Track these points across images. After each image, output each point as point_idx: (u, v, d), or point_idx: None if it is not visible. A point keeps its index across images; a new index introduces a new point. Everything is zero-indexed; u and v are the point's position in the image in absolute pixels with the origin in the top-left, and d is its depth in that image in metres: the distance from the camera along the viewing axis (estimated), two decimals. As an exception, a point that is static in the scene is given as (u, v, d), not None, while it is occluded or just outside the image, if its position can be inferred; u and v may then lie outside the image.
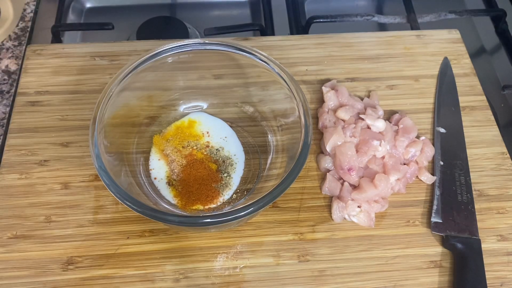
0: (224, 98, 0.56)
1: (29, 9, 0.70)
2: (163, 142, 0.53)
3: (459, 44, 0.66)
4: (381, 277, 0.47)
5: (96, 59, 0.61)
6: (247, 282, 0.46)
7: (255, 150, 0.54)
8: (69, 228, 0.48)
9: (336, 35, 0.65)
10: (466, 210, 0.51)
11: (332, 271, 0.47)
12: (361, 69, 0.62)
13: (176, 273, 0.47)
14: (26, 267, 0.46)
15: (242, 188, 0.51)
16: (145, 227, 0.49)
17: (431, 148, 0.54)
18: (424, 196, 0.53)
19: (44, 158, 0.52)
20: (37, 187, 0.51)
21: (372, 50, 0.64)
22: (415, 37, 0.66)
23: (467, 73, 0.63)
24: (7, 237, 0.48)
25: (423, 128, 0.58)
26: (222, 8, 0.80)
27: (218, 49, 0.50)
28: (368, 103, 0.57)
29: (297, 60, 0.62)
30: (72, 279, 0.46)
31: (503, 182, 0.54)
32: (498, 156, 0.56)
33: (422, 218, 0.51)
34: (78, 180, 0.51)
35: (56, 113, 0.56)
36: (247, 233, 0.49)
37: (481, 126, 0.58)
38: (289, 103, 0.49)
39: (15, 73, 0.62)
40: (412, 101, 0.60)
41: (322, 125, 0.55)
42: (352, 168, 0.51)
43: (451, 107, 0.59)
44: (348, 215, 0.50)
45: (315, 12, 0.74)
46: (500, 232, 0.50)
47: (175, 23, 0.72)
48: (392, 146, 0.53)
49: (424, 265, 0.48)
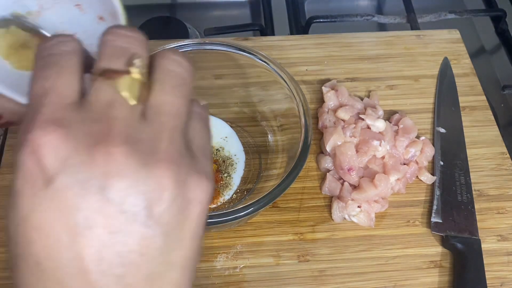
0: (224, 98, 0.56)
1: (29, 9, 0.70)
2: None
3: (459, 44, 0.66)
4: (381, 277, 0.47)
5: (96, 59, 0.60)
6: (247, 282, 0.46)
7: (255, 150, 0.54)
8: (69, 228, 0.48)
9: (336, 35, 0.65)
10: (466, 210, 0.51)
11: (332, 271, 0.47)
12: (361, 69, 0.62)
13: (176, 273, 0.47)
14: (26, 267, 0.46)
15: (242, 188, 0.51)
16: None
17: (431, 148, 0.54)
18: (424, 196, 0.53)
19: (44, 158, 0.52)
20: (37, 187, 0.50)
21: (372, 50, 0.64)
22: (415, 37, 0.66)
23: (467, 73, 0.63)
24: (7, 237, 0.47)
25: (423, 128, 0.58)
26: (222, 8, 0.80)
27: (218, 49, 0.50)
28: (368, 103, 0.57)
29: (297, 60, 0.62)
30: (72, 279, 0.46)
31: (503, 182, 0.54)
32: (498, 156, 0.56)
33: (422, 218, 0.51)
34: (78, 180, 0.51)
35: (56, 113, 0.56)
36: (247, 233, 0.49)
37: (481, 126, 0.58)
38: (289, 103, 0.49)
39: (15, 73, 0.62)
40: (412, 101, 0.60)
41: (322, 125, 0.55)
42: (352, 168, 0.51)
43: (451, 107, 0.59)
44: (348, 215, 0.50)
45: (315, 12, 0.74)
46: (500, 232, 0.50)
47: (175, 23, 0.72)
48: (392, 146, 0.53)
49: (424, 265, 0.48)
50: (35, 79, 0.22)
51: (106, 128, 0.20)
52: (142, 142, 0.21)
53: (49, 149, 0.20)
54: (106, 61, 0.22)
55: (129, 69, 0.22)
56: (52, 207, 0.20)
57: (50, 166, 0.20)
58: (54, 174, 0.20)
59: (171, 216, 0.21)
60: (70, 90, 0.22)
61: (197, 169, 0.23)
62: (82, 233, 0.20)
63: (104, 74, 0.22)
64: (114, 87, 0.22)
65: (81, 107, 0.21)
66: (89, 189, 0.20)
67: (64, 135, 0.20)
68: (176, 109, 0.23)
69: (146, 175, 0.20)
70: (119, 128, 0.21)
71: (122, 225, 0.20)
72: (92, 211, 0.20)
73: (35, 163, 0.20)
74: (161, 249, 0.21)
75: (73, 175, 0.20)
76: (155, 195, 0.21)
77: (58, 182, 0.20)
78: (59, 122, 0.20)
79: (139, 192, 0.20)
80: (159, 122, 0.22)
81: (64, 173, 0.20)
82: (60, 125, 0.20)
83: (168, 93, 0.23)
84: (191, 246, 0.23)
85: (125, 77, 0.22)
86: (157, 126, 0.22)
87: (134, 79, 0.22)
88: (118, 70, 0.22)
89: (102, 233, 0.20)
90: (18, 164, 0.21)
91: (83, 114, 0.21)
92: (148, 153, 0.21)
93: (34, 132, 0.20)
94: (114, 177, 0.20)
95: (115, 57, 0.23)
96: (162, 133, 0.22)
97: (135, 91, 0.22)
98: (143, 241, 0.21)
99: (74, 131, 0.20)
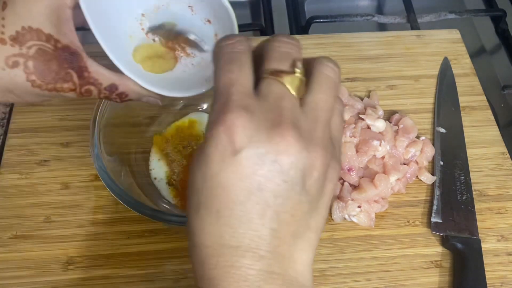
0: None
1: (29, 9, 0.70)
2: (163, 142, 0.53)
3: (459, 44, 0.66)
4: (381, 277, 0.47)
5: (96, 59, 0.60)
6: (247, 282, 0.46)
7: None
8: (69, 228, 0.48)
9: (336, 35, 0.65)
10: (466, 210, 0.51)
11: (332, 271, 0.47)
12: (361, 69, 0.62)
13: (176, 273, 0.47)
14: (26, 267, 0.46)
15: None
16: (145, 227, 0.49)
17: (431, 148, 0.54)
18: (424, 196, 0.53)
19: (44, 158, 0.52)
20: (37, 187, 0.51)
21: (372, 50, 0.64)
22: (415, 37, 0.66)
23: (467, 73, 0.63)
24: (7, 237, 0.48)
25: (423, 128, 0.58)
26: (222, 8, 0.79)
27: (218, 49, 0.50)
28: (368, 103, 0.57)
29: (297, 60, 0.62)
30: (72, 279, 0.46)
31: (503, 182, 0.54)
32: (498, 156, 0.56)
33: (422, 218, 0.51)
34: (78, 180, 0.51)
35: (56, 113, 0.56)
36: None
37: (481, 126, 0.58)
38: (289, 103, 0.48)
39: (15, 73, 0.62)
40: (412, 101, 0.60)
41: (322, 125, 0.55)
42: (352, 168, 0.51)
43: (451, 107, 0.59)
44: (348, 215, 0.50)
45: (315, 12, 0.74)
46: (500, 232, 0.50)
47: (175, 23, 0.72)
48: (392, 146, 0.53)
49: (424, 265, 0.48)
50: (223, 71, 0.28)
51: (279, 115, 0.26)
52: (304, 129, 0.26)
53: (239, 128, 0.25)
54: (276, 63, 0.28)
55: (294, 70, 0.28)
56: (236, 171, 0.25)
57: (239, 140, 0.25)
58: (240, 147, 0.25)
59: (316, 188, 0.27)
60: (249, 82, 0.27)
61: (336, 156, 0.29)
62: (255, 193, 0.26)
63: (274, 73, 0.28)
64: (283, 83, 0.27)
65: (258, 97, 0.27)
66: (265, 161, 0.25)
67: (250, 118, 0.26)
68: (328, 106, 0.28)
69: (305, 155, 0.26)
70: (288, 116, 0.26)
71: (284, 191, 0.26)
72: (265, 178, 0.26)
73: (228, 137, 0.25)
74: (306, 213, 0.27)
75: (255, 149, 0.25)
76: (309, 172, 0.26)
77: (244, 153, 0.25)
78: (246, 107, 0.26)
79: (299, 167, 0.26)
80: (315, 115, 0.28)
81: (249, 147, 0.25)
82: (247, 110, 0.26)
83: (324, 93, 0.28)
84: (324, 214, 0.29)
85: (291, 76, 0.28)
86: (314, 118, 0.27)
87: (297, 78, 0.28)
88: (285, 71, 0.28)
89: (268, 196, 0.26)
90: (212, 135, 0.26)
91: (261, 102, 0.27)
92: (308, 138, 0.26)
93: (229, 114, 0.25)
94: (284, 153, 0.26)
95: (283, 60, 0.28)
96: (317, 124, 0.27)
97: (297, 88, 0.28)
98: (296, 205, 0.26)
99: (256, 115, 0.26)
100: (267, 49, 0.29)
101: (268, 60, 0.28)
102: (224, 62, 0.28)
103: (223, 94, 0.27)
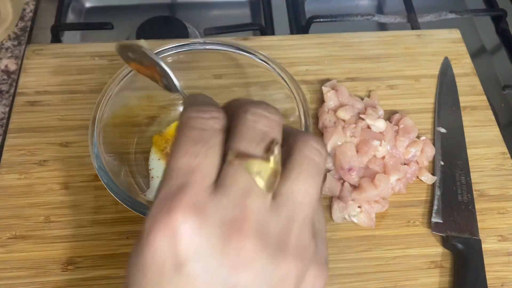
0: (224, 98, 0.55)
1: (29, 9, 0.69)
2: (163, 142, 0.52)
3: (460, 44, 0.66)
4: (382, 277, 0.47)
5: (95, 59, 0.60)
6: (247, 282, 0.46)
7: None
8: (69, 228, 0.48)
9: (336, 35, 0.65)
10: (467, 210, 0.51)
11: (332, 271, 0.47)
12: (361, 69, 0.62)
13: (176, 273, 0.46)
14: (25, 267, 0.46)
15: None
16: (145, 227, 0.48)
17: (431, 148, 0.54)
18: (424, 196, 0.52)
19: (44, 158, 0.52)
20: (36, 187, 0.50)
21: (372, 50, 0.64)
22: (415, 37, 0.66)
23: (467, 73, 0.63)
24: (7, 237, 0.47)
25: (424, 128, 0.57)
26: (222, 8, 0.79)
27: (218, 49, 0.50)
28: (368, 103, 0.57)
29: (297, 60, 0.62)
30: (72, 280, 0.46)
31: (503, 182, 0.54)
32: (499, 156, 0.56)
33: (422, 218, 0.51)
34: (77, 180, 0.51)
35: (55, 113, 0.56)
36: (247, 233, 0.49)
37: (481, 126, 0.58)
38: (289, 103, 0.48)
39: (14, 73, 0.62)
40: (413, 101, 0.60)
41: (322, 125, 0.55)
42: (352, 168, 0.51)
43: (452, 107, 0.59)
44: (348, 216, 0.50)
45: (315, 12, 0.73)
46: (500, 232, 0.50)
47: (175, 23, 0.72)
48: (393, 146, 0.53)
49: (424, 266, 0.48)
50: (184, 151, 0.22)
51: (240, 218, 0.20)
52: (272, 234, 0.21)
53: (186, 236, 0.20)
54: (247, 144, 0.22)
55: (268, 156, 0.22)
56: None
57: (184, 252, 0.20)
58: (185, 261, 0.20)
59: None
60: (212, 172, 0.22)
61: (317, 259, 0.23)
62: None
63: (241, 157, 0.21)
64: (251, 173, 0.21)
65: (218, 189, 0.21)
66: (215, 279, 0.20)
67: (201, 222, 0.20)
68: (308, 200, 0.22)
69: (272, 268, 0.20)
70: (252, 220, 0.21)
71: None
72: None
73: (170, 246, 0.20)
74: None
75: (203, 263, 0.20)
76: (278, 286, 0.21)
77: (188, 269, 0.20)
78: (199, 208, 0.20)
79: (263, 283, 0.20)
80: (289, 214, 0.22)
81: (195, 260, 0.20)
82: (199, 212, 0.20)
83: (304, 182, 0.22)
84: None
85: (263, 164, 0.21)
86: (288, 217, 0.21)
87: (270, 167, 0.21)
88: (257, 156, 0.22)
89: None
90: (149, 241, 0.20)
91: (220, 198, 0.21)
92: (276, 246, 0.21)
93: (174, 215, 0.20)
94: (241, 269, 0.20)
95: (255, 141, 0.22)
96: (292, 225, 0.22)
97: (269, 180, 0.21)
98: None
99: (211, 217, 0.20)
100: (239, 122, 0.23)
101: (237, 137, 0.22)
102: (189, 141, 0.22)
103: (175, 181, 0.21)
